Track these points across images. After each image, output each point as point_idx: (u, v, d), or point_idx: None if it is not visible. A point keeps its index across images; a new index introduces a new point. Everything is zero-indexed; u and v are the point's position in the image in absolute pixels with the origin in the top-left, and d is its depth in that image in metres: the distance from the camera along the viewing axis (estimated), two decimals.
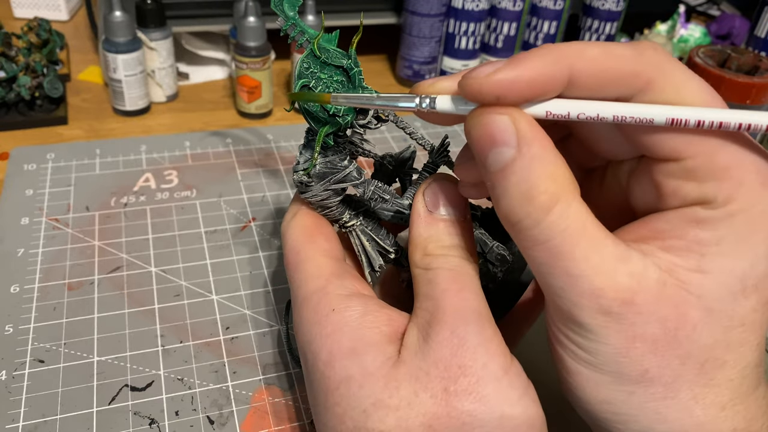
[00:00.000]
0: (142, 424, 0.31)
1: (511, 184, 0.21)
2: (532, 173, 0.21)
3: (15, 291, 0.38)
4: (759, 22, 0.65)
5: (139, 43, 0.55)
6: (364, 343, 0.25)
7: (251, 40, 0.55)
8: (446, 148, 0.30)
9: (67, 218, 0.44)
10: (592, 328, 0.22)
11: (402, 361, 0.24)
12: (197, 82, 0.64)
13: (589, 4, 0.67)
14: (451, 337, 0.24)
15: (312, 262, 0.28)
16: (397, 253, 0.30)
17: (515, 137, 0.21)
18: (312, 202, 0.29)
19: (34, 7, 0.75)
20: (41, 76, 0.55)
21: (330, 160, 0.28)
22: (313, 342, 0.26)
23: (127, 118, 0.57)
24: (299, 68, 0.26)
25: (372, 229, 0.30)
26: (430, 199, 0.27)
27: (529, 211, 0.21)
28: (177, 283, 0.40)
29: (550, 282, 0.22)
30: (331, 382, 0.25)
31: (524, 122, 0.21)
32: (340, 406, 0.24)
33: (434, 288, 0.25)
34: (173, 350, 0.35)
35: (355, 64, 0.27)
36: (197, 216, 0.45)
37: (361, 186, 0.29)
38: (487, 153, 0.21)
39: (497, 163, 0.21)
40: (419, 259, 0.26)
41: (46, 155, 0.50)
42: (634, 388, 0.22)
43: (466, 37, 0.65)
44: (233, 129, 0.57)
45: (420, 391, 0.23)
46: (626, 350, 0.22)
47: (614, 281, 0.21)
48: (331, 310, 0.26)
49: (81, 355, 0.34)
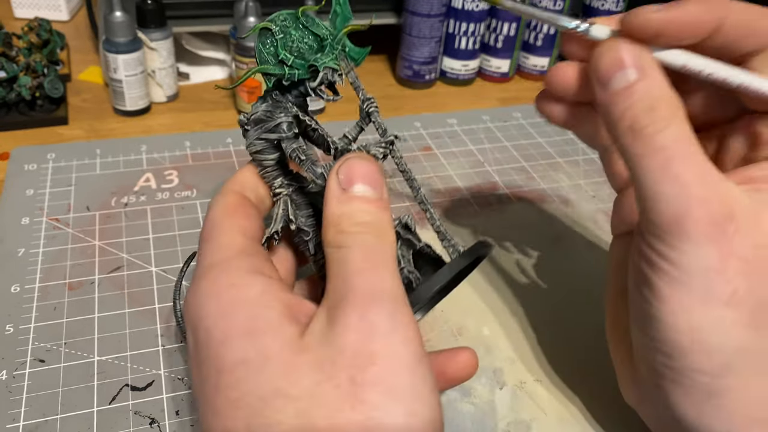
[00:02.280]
0: (142, 424, 0.31)
1: (635, 98, 0.24)
2: (655, 92, 0.24)
3: (15, 291, 0.38)
4: None
5: (139, 44, 0.55)
6: (261, 323, 0.23)
7: (251, 40, 0.55)
8: (391, 143, 0.28)
9: (68, 218, 0.44)
10: (695, 236, 0.23)
11: (305, 347, 0.22)
12: (197, 82, 0.64)
13: (589, 4, 0.68)
14: (360, 321, 0.22)
15: (225, 235, 0.27)
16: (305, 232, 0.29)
17: (641, 65, 0.24)
18: (250, 153, 0.29)
19: (35, 7, 0.75)
20: (42, 76, 0.55)
21: (270, 110, 0.28)
22: (207, 317, 0.24)
23: (128, 118, 0.57)
24: (274, 15, 0.27)
25: (296, 204, 0.29)
26: (344, 177, 0.25)
27: (653, 118, 0.24)
28: None
29: (659, 189, 0.23)
30: (225, 362, 0.23)
31: (649, 57, 0.25)
32: (236, 390, 0.22)
33: (345, 267, 0.24)
34: (174, 350, 0.35)
35: (334, 39, 0.27)
36: (197, 216, 0.45)
37: (286, 141, 0.28)
38: (613, 74, 0.25)
39: (622, 81, 0.24)
40: (332, 237, 0.25)
41: (47, 155, 0.50)
42: (724, 310, 0.23)
43: (466, 37, 0.65)
44: (233, 129, 0.57)
45: (323, 381, 0.21)
46: (721, 265, 0.23)
47: (719, 193, 0.23)
48: (230, 284, 0.24)
49: (81, 355, 0.34)
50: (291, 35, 0.27)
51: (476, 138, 0.58)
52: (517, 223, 0.47)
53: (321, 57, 0.27)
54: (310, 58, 0.27)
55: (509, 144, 0.57)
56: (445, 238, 0.28)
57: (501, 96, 0.67)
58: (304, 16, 0.27)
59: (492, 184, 0.51)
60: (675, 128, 0.23)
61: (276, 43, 0.27)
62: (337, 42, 0.27)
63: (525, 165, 0.54)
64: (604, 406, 0.33)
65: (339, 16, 0.28)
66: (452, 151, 0.55)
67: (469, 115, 0.61)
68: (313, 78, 0.27)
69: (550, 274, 0.42)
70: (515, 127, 0.60)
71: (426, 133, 0.58)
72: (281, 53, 0.27)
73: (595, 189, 0.52)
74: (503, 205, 0.49)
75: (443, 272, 0.27)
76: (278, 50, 0.27)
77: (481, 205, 0.49)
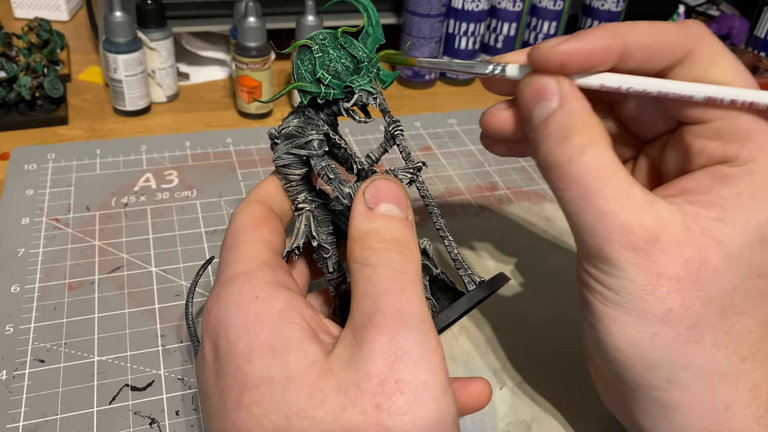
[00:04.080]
0: (142, 424, 0.31)
1: (551, 130, 0.24)
2: (571, 121, 0.24)
3: (15, 291, 0.38)
4: (758, 23, 0.65)
5: (139, 44, 0.55)
6: (285, 341, 0.23)
7: (251, 40, 0.55)
8: (418, 169, 0.28)
9: (68, 218, 0.44)
10: (620, 263, 0.23)
11: (330, 369, 0.22)
12: (197, 82, 0.64)
13: (589, 4, 0.68)
14: (389, 345, 0.22)
15: (249, 246, 0.27)
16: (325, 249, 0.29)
17: (558, 94, 0.25)
18: (277, 166, 0.29)
19: (35, 7, 0.75)
20: (42, 77, 0.55)
21: (302, 126, 0.28)
22: (230, 327, 0.24)
23: (128, 118, 0.57)
24: (314, 33, 0.28)
25: (318, 220, 0.29)
26: (371, 196, 0.26)
27: (566, 149, 0.24)
28: (177, 283, 0.40)
29: (581, 221, 0.24)
30: (249, 378, 0.23)
31: (567, 85, 0.25)
32: (260, 407, 0.22)
33: (373, 286, 0.23)
34: (173, 350, 0.35)
35: (370, 62, 0.28)
36: (197, 216, 0.45)
37: (315, 158, 0.28)
38: (533, 107, 0.25)
39: (542, 114, 0.25)
40: (358, 252, 0.24)
41: (47, 155, 0.50)
42: (659, 328, 0.23)
43: (466, 37, 0.65)
44: (233, 129, 0.57)
45: (348, 406, 0.21)
46: (651, 287, 0.23)
47: (641, 219, 0.23)
48: (255, 296, 0.24)
49: (81, 355, 0.34)
50: (329, 54, 0.28)
51: (476, 138, 0.58)
52: (517, 223, 0.47)
53: (357, 79, 0.28)
54: (346, 78, 0.28)
55: None
56: (463, 267, 0.28)
57: (501, 96, 0.67)
58: (343, 37, 0.28)
59: (492, 184, 0.51)
60: (592, 157, 0.23)
61: (314, 61, 0.28)
62: (373, 65, 0.28)
63: (525, 165, 0.54)
64: (604, 405, 0.33)
65: (371, 38, 0.28)
66: (452, 151, 0.55)
67: (469, 115, 0.61)
68: (347, 99, 0.28)
69: (549, 274, 0.42)
70: None
71: (426, 133, 0.58)
72: (319, 72, 0.27)
73: None
74: (503, 205, 0.49)
75: (462, 302, 0.27)
76: (316, 68, 0.28)
77: (481, 205, 0.49)
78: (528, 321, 0.38)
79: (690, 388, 0.24)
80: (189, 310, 0.33)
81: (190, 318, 0.33)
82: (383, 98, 0.28)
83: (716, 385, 0.24)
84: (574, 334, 0.38)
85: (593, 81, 0.25)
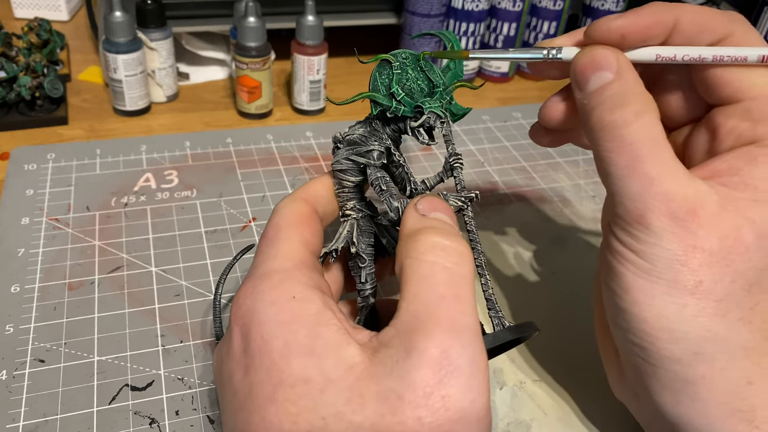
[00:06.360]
0: (142, 424, 0.31)
1: (607, 95, 0.25)
2: (628, 89, 0.25)
3: (15, 291, 0.38)
4: (758, 23, 0.65)
5: (139, 44, 0.55)
6: (323, 342, 0.23)
7: (251, 40, 0.55)
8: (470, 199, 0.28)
9: (68, 218, 0.44)
10: (658, 230, 0.24)
11: (372, 374, 0.22)
12: (197, 82, 0.64)
13: (589, 4, 0.68)
14: (441, 359, 0.21)
15: (288, 243, 0.27)
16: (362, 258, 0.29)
17: (616, 65, 0.26)
18: (334, 170, 0.30)
19: (35, 7, 0.75)
20: (42, 77, 0.55)
21: (366, 135, 0.29)
22: (266, 324, 0.24)
23: (128, 118, 0.57)
24: (397, 51, 0.29)
25: (362, 230, 0.30)
26: (423, 207, 0.26)
27: (622, 113, 0.24)
28: (177, 283, 0.40)
29: (625, 184, 0.24)
30: (285, 376, 0.22)
31: (623, 58, 0.26)
32: (296, 405, 0.22)
33: (428, 289, 0.23)
34: (173, 350, 0.35)
35: (445, 89, 0.29)
36: (197, 216, 0.45)
37: (372, 168, 0.29)
38: (590, 75, 0.26)
39: (598, 82, 0.26)
40: (411, 247, 0.24)
41: (47, 155, 0.50)
42: (688, 299, 0.24)
43: (466, 37, 0.65)
44: (233, 129, 0.57)
45: (387, 415, 0.21)
46: (685, 257, 0.24)
47: (684, 190, 0.24)
48: (291, 296, 0.24)
49: (81, 355, 0.34)
50: (407, 73, 0.29)
51: (476, 138, 0.58)
52: (517, 223, 0.47)
53: (429, 101, 0.28)
54: (419, 99, 0.28)
55: (509, 144, 0.57)
56: (494, 308, 0.28)
57: (501, 96, 0.67)
58: (424, 60, 0.29)
59: (492, 184, 0.51)
60: (645, 124, 0.24)
61: (392, 77, 0.28)
62: (447, 93, 0.29)
63: (525, 165, 0.54)
64: (604, 406, 0.33)
65: (450, 72, 0.30)
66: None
67: (469, 115, 0.61)
68: (416, 119, 0.28)
69: (549, 274, 0.42)
70: (515, 127, 0.60)
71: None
72: (394, 87, 0.28)
73: (595, 189, 0.52)
74: (503, 205, 0.49)
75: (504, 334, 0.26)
76: (392, 83, 0.28)
77: (481, 205, 0.49)
78: None
79: (714, 362, 0.24)
80: (218, 298, 0.33)
81: (218, 308, 0.33)
82: (450, 129, 0.28)
83: (740, 359, 0.24)
84: (574, 334, 0.38)
85: (648, 53, 0.27)
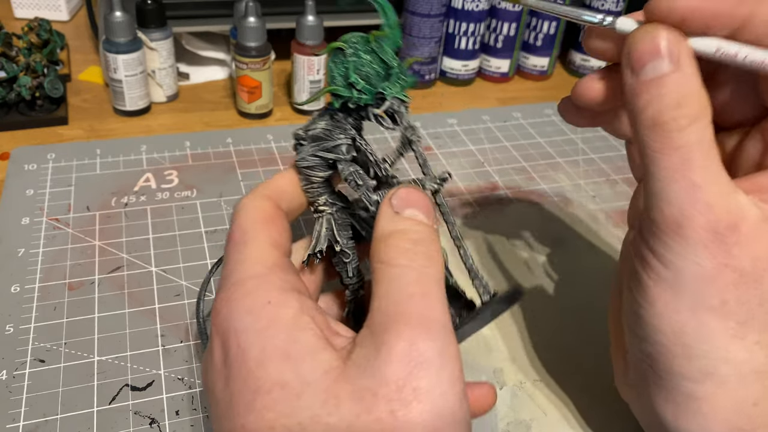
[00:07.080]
0: (142, 424, 0.31)
1: (664, 91, 0.23)
2: (688, 87, 0.23)
3: (15, 291, 0.38)
4: None
5: (139, 44, 0.55)
6: (299, 347, 0.23)
7: (251, 40, 0.55)
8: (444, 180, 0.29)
9: (68, 218, 0.44)
10: (693, 243, 0.23)
11: (346, 376, 0.22)
12: (197, 82, 0.64)
13: (589, 4, 0.67)
14: (409, 351, 0.21)
15: (257, 245, 0.26)
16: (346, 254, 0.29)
17: (677, 55, 0.23)
18: (299, 167, 0.29)
19: (35, 7, 0.75)
20: (42, 77, 0.55)
21: (330, 129, 0.28)
22: (243, 333, 0.23)
23: (128, 118, 0.57)
24: (346, 36, 0.28)
25: (339, 224, 0.29)
26: (398, 202, 0.25)
27: (678, 115, 0.23)
28: (177, 283, 0.40)
29: (667, 188, 0.23)
30: (262, 383, 0.22)
31: (685, 47, 0.23)
32: (273, 411, 0.22)
33: (397, 288, 0.23)
34: (173, 350, 0.35)
35: (400, 70, 0.28)
36: (197, 216, 0.45)
37: (343, 163, 0.28)
38: (647, 61, 0.23)
39: (655, 71, 0.23)
40: (383, 251, 0.24)
41: (47, 155, 0.50)
42: (710, 318, 0.23)
43: (466, 37, 0.65)
44: (233, 129, 0.57)
45: (363, 413, 0.21)
46: (715, 275, 0.23)
47: (727, 203, 0.22)
48: (267, 302, 0.24)
49: (81, 355, 0.34)
50: (362, 58, 0.28)
51: (476, 138, 0.58)
52: (517, 223, 0.47)
53: (389, 86, 0.28)
54: (378, 84, 0.28)
55: (509, 144, 0.57)
56: (477, 277, 0.28)
57: (501, 96, 0.67)
58: (375, 41, 0.28)
59: (492, 184, 0.51)
60: (698, 129, 0.23)
61: (348, 65, 0.28)
62: (403, 71, 0.28)
63: (525, 165, 0.54)
64: (603, 406, 0.33)
65: (389, 40, 0.28)
66: (452, 151, 0.55)
67: (469, 115, 0.61)
68: (378, 105, 0.28)
69: (549, 274, 0.42)
70: (515, 127, 0.60)
71: (426, 133, 0.58)
72: (352, 77, 0.27)
73: (595, 189, 0.52)
74: (503, 205, 0.49)
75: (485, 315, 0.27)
76: (349, 73, 0.28)
77: (481, 205, 0.49)
78: (528, 321, 0.38)
79: (725, 384, 0.23)
80: (201, 306, 0.33)
81: (201, 315, 0.33)
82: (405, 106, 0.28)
83: (751, 383, 0.23)
84: (575, 335, 0.38)
85: (709, 44, 0.24)
